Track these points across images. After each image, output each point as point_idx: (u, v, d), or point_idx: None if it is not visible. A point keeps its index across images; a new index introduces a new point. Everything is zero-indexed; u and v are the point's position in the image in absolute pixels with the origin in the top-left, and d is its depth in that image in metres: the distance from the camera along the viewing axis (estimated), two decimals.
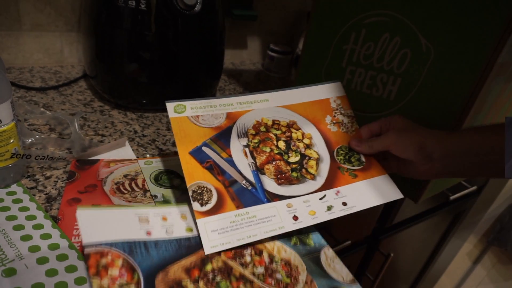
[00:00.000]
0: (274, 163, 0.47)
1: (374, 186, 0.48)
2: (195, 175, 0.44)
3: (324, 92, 0.55)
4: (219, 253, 0.40)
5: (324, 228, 0.62)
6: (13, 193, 0.45)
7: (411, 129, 0.45)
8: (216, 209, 0.42)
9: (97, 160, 0.54)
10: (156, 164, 0.55)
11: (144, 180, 0.51)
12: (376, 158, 0.51)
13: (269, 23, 1.10)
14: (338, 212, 0.44)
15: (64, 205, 0.45)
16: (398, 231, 0.87)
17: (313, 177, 0.47)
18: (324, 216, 0.44)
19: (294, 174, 0.47)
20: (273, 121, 0.50)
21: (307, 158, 0.49)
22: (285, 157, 0.48)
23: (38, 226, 0.41)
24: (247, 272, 0.38)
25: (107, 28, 0.63)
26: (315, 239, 0.44)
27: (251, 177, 0.45)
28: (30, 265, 0.36)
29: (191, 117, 0.47)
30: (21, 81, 0.73)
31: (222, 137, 0.47)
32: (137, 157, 0.56)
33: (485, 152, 0.40)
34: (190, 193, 0.43)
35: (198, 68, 0.70)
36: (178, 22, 0.61)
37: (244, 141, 0.47)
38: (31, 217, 0.42)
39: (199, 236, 0.40)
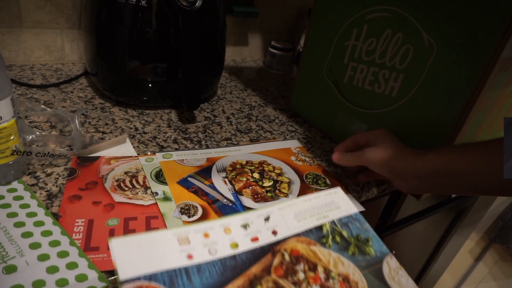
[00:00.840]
0: (250, 187, 0.53)
1: None
2: (182, 197, 0.49)
3: (285, 144, 0.66)
4: (268, 272, 0.36)
5: None
6: (14, 190, 0.45)
7: (385, 149, 0.48)
8: (202, 219, 0.46)
9: (98, 157, 0.53)
10: (157, 161, 0.54)
11: (145, 177, 0.51)
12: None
13: (270, 20, 1.10)
14: None
15: (65, 202, 0.45)
16: (400, 229, 0.87)
17: (286, 195, 0.53)
18: None
19: (269, 194, 0.52)
20: (247, 161, 0.59)
21: (279, 182, 0.55)
22: (260, 183, 0.54)
23: (38, 223, 0.41)
24: None
25: (108, 25, 0.63)
26: (376, 246, 0.41)
27: (231, 197, 0.51)
28: (31, 262, 0.36)
29: (177, 160, 0.56)
30: (22, 79, 0.73)
31: (203, 172, 0.55)
32: (138, 154, 0.56)
33: (450, 174, 0.42)
34: (178, 209, 0.47)
35: (199, 65, 0.69)
36: (179, 18, 0.61)
37: (223, 174, 0.55)
38: (31, 214, 0.42)
39: (244, 252, 0.38)
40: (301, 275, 0.37)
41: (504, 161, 0.39)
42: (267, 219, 0.41)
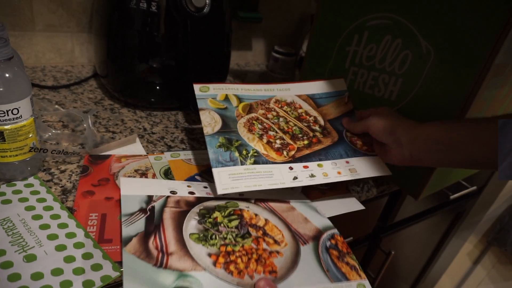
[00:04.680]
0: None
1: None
2: None
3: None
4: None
5: None
6: (31, 185, 0.47)
7: (387, 117, 0.52)
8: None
9: (109, 156, 0.56)
10: (166, 160, 0.57)
11: (154, 174, 0.53)
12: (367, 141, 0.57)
13: (274, 25, 1.13)
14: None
15: (79, 197, 0.47)
16: (399, 230, 0.89)
17: None
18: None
19: None
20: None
21: None
22: None
23: (55, 216, 0.43)
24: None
25: (119, 29, 0.65)
26: None
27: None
28: (49, 251, 0.38)
29: (184, 159, 0.58)
30: (34, 80, 0.75)
31: (210, 171, 0.51)
32: (147, 153, 0.59)
33: (446, 142, 0.46)
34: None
35: (206, 68, 0.72)
36: (187, 23, 0.63)
37: None
38: (48, 208, 0.44)
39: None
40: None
41: (499, 162, 0.41)
42: None
